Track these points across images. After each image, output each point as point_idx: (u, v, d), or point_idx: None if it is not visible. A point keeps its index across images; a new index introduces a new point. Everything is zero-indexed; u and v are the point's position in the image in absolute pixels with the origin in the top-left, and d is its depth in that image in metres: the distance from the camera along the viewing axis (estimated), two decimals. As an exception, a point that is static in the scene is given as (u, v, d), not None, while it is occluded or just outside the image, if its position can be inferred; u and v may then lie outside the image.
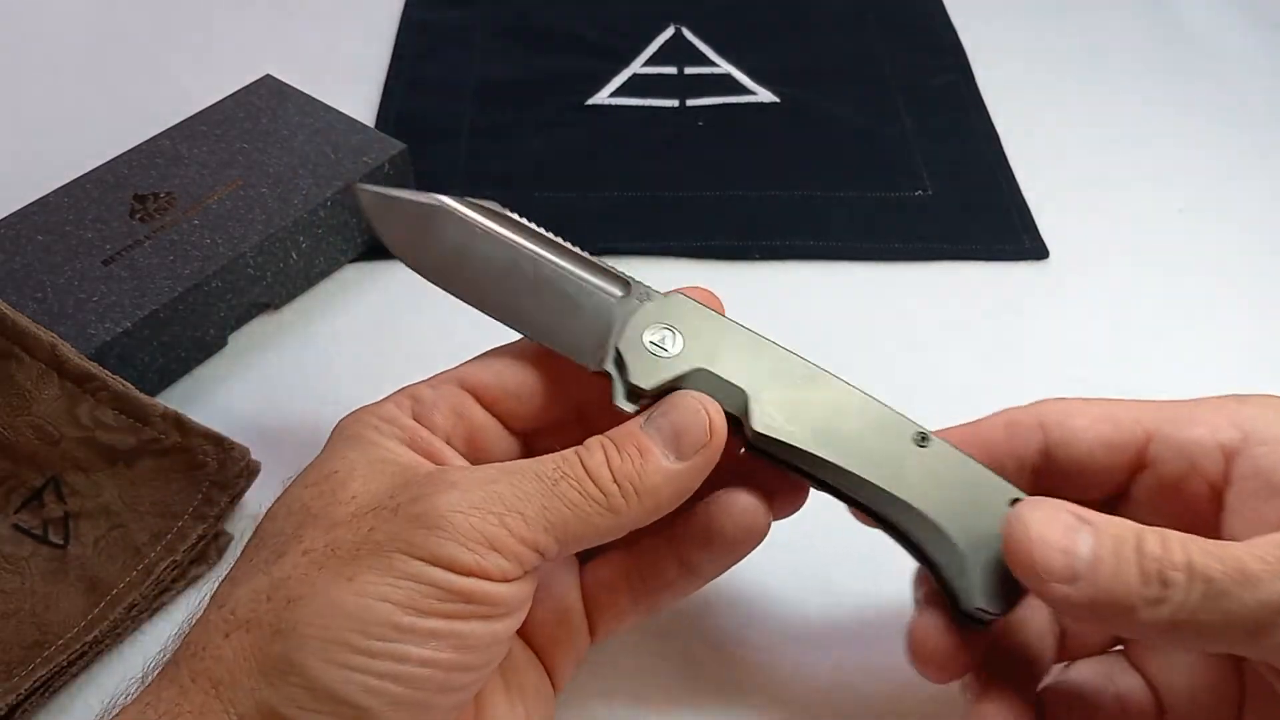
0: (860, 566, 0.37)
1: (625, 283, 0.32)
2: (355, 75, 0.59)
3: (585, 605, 0.32)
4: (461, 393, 0.31)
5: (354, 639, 0.25)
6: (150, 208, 0.45)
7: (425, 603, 0.25)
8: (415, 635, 0.25)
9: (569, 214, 0.52)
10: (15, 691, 0.33)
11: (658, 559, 0.31)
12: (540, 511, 0.27)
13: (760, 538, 0.31)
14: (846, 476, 0.29)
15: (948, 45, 0.63)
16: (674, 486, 0.29)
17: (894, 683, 0.35)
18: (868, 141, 0.56)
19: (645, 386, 0.30)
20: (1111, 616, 0.26)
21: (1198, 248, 0.51)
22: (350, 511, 0.27)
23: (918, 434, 0.30)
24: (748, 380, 0.30)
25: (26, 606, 0.35)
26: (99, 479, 0.37)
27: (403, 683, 0.25)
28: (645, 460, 0.28)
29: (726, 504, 0.30)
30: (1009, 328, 0.47)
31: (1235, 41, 0.64)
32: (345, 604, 0.25)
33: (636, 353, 0.30)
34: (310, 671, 0.25)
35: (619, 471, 0.28)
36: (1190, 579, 0.25)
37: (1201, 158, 0.56)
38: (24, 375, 0.37)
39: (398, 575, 0.25)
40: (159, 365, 0.42)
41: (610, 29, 0.63)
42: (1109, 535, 0.26)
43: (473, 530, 0.26)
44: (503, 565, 0.26)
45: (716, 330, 0.31)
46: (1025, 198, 0.53)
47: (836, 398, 0.30)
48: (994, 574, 0.29)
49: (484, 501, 0.26)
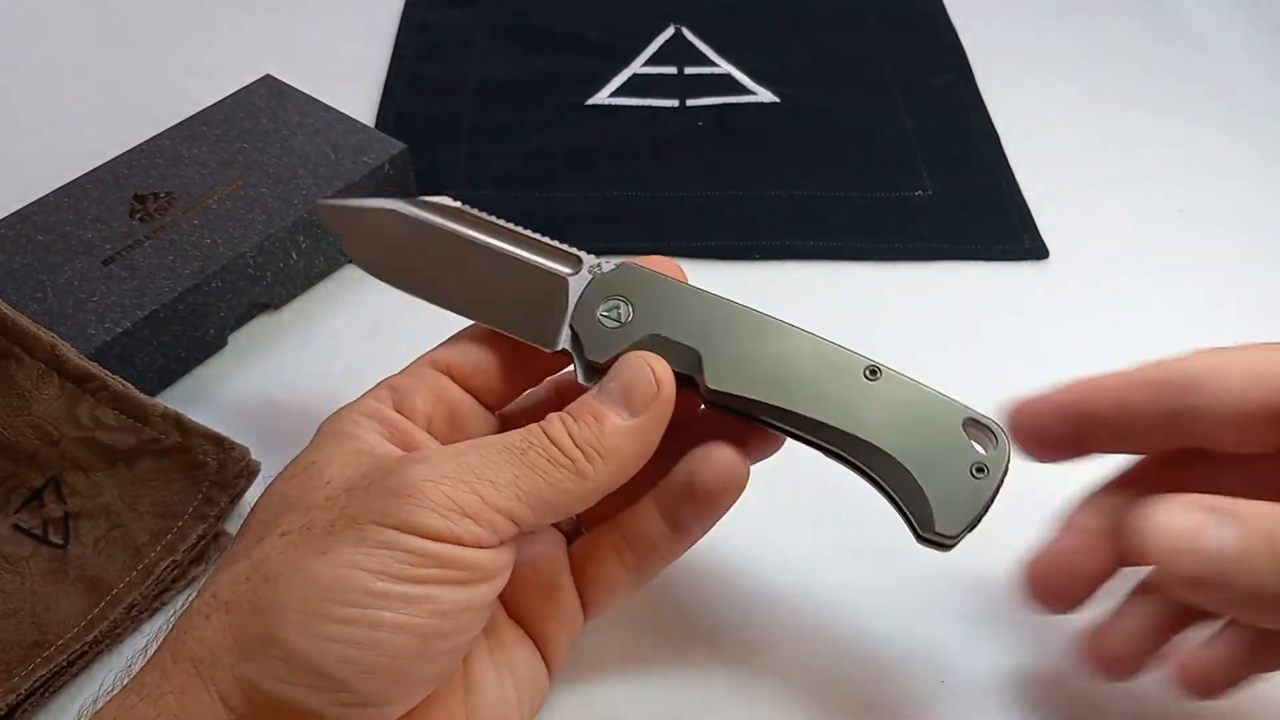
0: (858, 557, 0.38)
1: (576, 259, 0.33)
2: (355, 75, 0.59)
3: (575, 579, 0.33)
4: (436, 373, 0.32)
5: (329, 608, 0.25)
6: (150, 208, 0.45)
7: (398, 568, 0.26)
8: (389, 600, 0.25)
9: (569, 214, 0.52)
10: (15, 691, 0.33)
11: (642, 522, 0.32)
12: (511, 480, 0.27)
13: (740, 487, 0.31)
14: (801, 420, 0.30)
15: (948, 45, 0.63)
16: (634, 444, 0.29)
17: (892, 671, 0.35)
18: (868, 141, 0.56)
19: (600, 361, 0.31)
20: (1265, 612, 0.25)
21: (1197, 248, 0.51)
22: (325, 495, 0.28)
23: (867, 368, 0.30)
24: (699, 339, 0.31)
25: (26, 606, 0.35)
26: (99, 479, 0.37)
27: (378, 650, 0.25)
28: (601, 424, 0.29)
29: (704, 457, 0.31)
30: (1009, 328, 0.47)
31: (1235, 41, 0.64)
32: (320, 575, 0.26)
33: (590, 328, 0.31)
34: (288, 643, 0.25)
35: (579, 437, 0.29)
36: None
37: (1201, 158, 0.56)
38: (24, 375, 0.37)
39: (371, 545, 0.26)
40: (159, 365, 0.42)
41: (610, 29, 0.63)
42: (1258, 527, 0.25)
43: (444, 497, 0.26)
44: (476, 531, 0.27)
45: (665, 293, 0.32)
46: (1025, 198, 0.53)
47: (786, 344, 0.31)
48: (950, 498, 0.29)
49: (455, 471, 0.27)
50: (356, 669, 0.25)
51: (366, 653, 0.25)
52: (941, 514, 0.29)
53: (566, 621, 0.32)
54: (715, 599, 0.37)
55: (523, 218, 0.51)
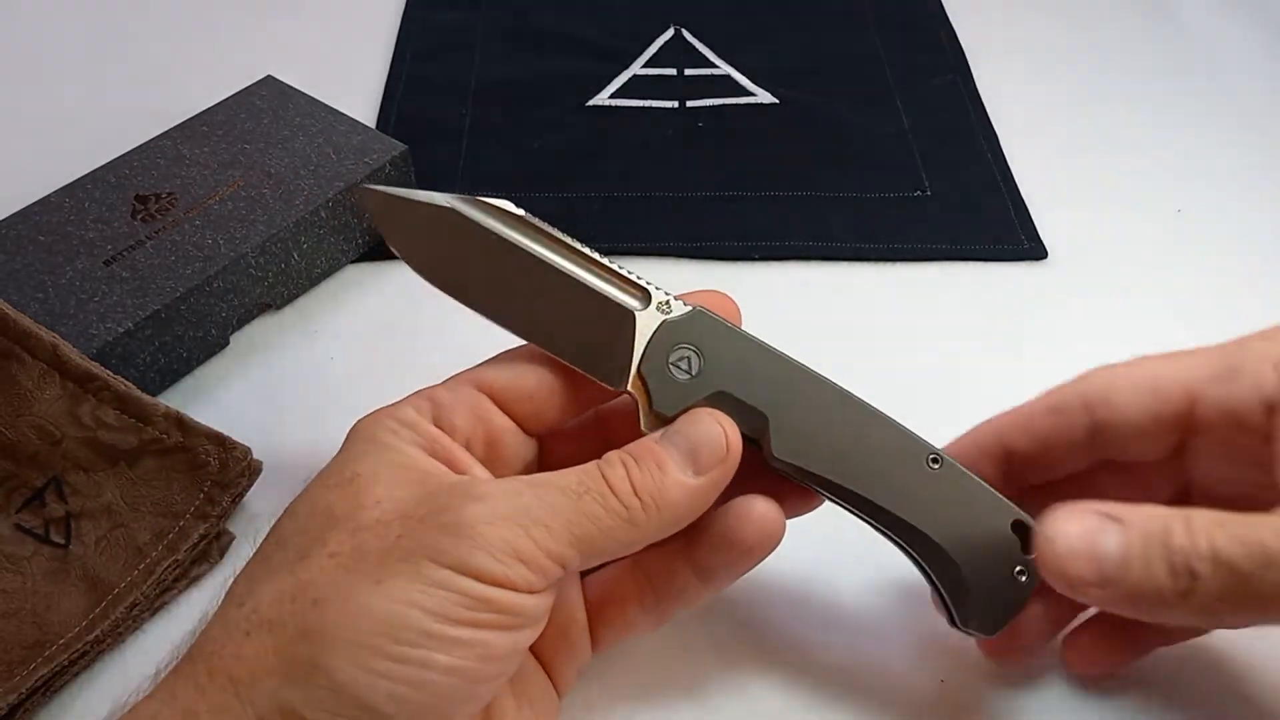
0: (859, 558, 0.38)
1: (645, 292, 0.31)
2: (356, 76, 0.59)
3: (591, 616, 0.32)
4: (479, 395, 0.31)
5: (383, 644, 0.25)
6: (152, 208, 0.45)
7: (455, 610, 0.26)
8: (443, 643, 0.25)
9: (569, 214, 0.52)
10: (16, 691, 0.33)
11: (670, 568, 0.31)
12: (565, 525, 0.27)
13: (776, 543, 0.31)
14: (860, 500, 0.30)
15: (947, 45, 0.63)
16: (692, 501, 0.29)
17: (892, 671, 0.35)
18: (867, 142, 0.56)
19: (670, 414, 0.30)
20: (1145, 610, 0.26)
21: (1196, 248, 0.51)
22: (375, 517, 0.27)
23: (931, 455, 0.30)
24: (768, 403, 0.30)
25: (28, 606, 0.35)
26: (100, 479, 0.37)
27: (427, 691, 0.25)
28: (664, 474, 0.28)
29: (743, 510, 0.30)
30: (1009, 328, 0.47)
31: (1235, 42, 0.64)
32: (374, 608, 0.25)
33: (659, 377, 0.30)
34: (337, 675, 0.25)
35: (640, 485, 0.28)
36: (1215, 568, 0.25)
37: (1201, 158, 0.56)
38: (25, 375, 0.37)
39: (427, 582, 0.26)
40: (160, 365, 0.43)
41: (610, 30, 0.63)
42: (1138, 532, 0.26)
43: (500, 541, 0.26)
44: (528, 577, 0.26)
45: (737, 349, 0.31)
46: (1025, 198, 0.53)
47: (855, 419, 0.31)
48: (993, 598, 0.30)
49: (511, 514, 0.27)
50: (405, 707, 0.25)
51: (416, 692, 0.25)
52: (983, 613, 0.30)
53: (577, 656, 0.32)
54: (715, 599, 0.37)
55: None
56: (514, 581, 0.26)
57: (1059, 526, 0.27)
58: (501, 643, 0.26)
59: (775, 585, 0.37)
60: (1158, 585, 0.26)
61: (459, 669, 0.26)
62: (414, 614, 0.25)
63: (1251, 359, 0.29)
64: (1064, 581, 0.27)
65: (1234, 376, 0.29)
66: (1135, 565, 0.26)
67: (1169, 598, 0.26)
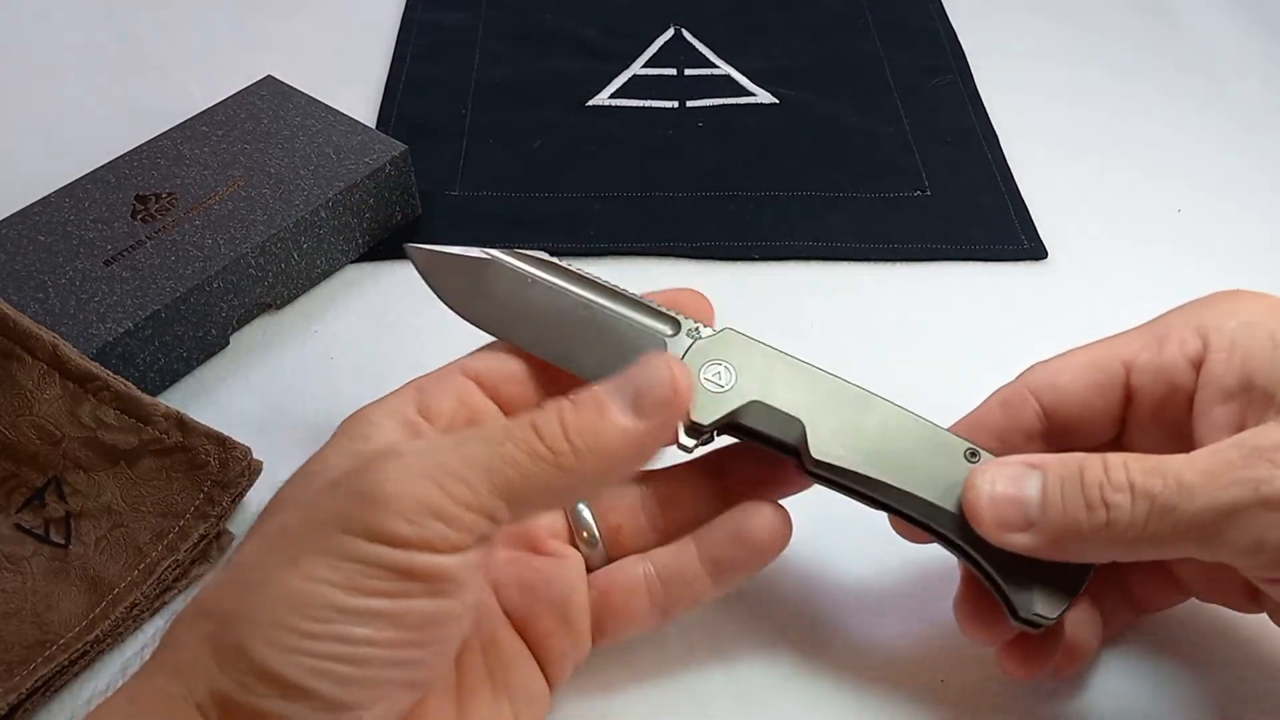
0: (859, 558, 0.38)
1: (674, 320, 0.33)
2: (355, 76, 0.59)
3: (597, 605, 0.32)
4: (465, 380, 0.32)
5: (296, 622, 0.25)
6: (152, 208, 0.45)
7: (367, 583, 0.25)
8: (358, 616, 0.25)
9: (569, 214, 0.52)
10: (17, 691, 0.33)
11: (681, 563, 0.32)
12: (484, 474, 0.26)
13: (785, 543, 0.32)
14: (904, 496, 0.31)
15: (947, 45, 0.63)
16: (630, 449, 0.28)
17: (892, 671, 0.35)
18: (868, 141, 0.56)
19: (705, 423, 0.31)
20: (1072, 548, 0.28)
21: (1197, 248, 0.51)
22: (311, 491, 0.28)
23: (968, 450, 0.31)
24: (802, 409, 0.31)
25: (28, 606, 0.35)
26: (101, 479, 0.37)
27: (349, 663, 0.25)
28: (602, 417, 0.27)
29: (756, 510, 0.32)
30: (1008, 328, 0.47)
31: (1234, 42, 0.64)
32: (289, 588, 0.25)
33: (695, 390, 0.31)
34: (255, 656, 0.25)
35: (572, 428, 0.27)
36: (1134, 499, 0.27)
37: (1201, 158, 0.56)
38: (26, 375, 0.37)
39: (339, 555, 0.25)
40: (160, 365, 0.43)
41: (610, 31, 0.63)
42: (1055, 474, 0.28)
43: (412, 500, 0.25)
44: (447, 534, 0.25)
45: (765, 362, 0.32)
46: (1025, 198, 0.53)
47: (887, 419, 0.32)
48: (1050, 581, 0.30)
49: (425, 470, 0.26)
50: (328, 680, 0.25)
51: (339, 666, 0.25)
52: (1043, 596, 0.30)
53: (574, 644, 0.32)
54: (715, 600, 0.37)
55: (523, 218, 0.52)
56: (431, 542, 0.25)
57: (984, 476, 0.29)
58: (427, 609, 0.26)
59: (775, 585, 0.37)
60: (1076, 520, 0.27)
61: (379, 639, 0.25)
62: (324, 590, 0.25)
63: (1175, 327, 0.31)
64: (993, 527, 0.28)
65: (1161, 343, 0.31)
66: (1054, 504, 0.27)
67: (1087, 532, 0.27)
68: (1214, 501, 0.26)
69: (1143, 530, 0.26)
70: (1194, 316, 0.31)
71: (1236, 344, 0.29)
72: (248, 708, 0.25)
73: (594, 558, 0.33)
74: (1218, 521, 0.26)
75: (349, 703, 0.25)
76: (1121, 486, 0.27)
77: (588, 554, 0.33)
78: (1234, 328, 0.30)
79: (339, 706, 0.25)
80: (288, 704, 0.25)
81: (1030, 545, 0.28)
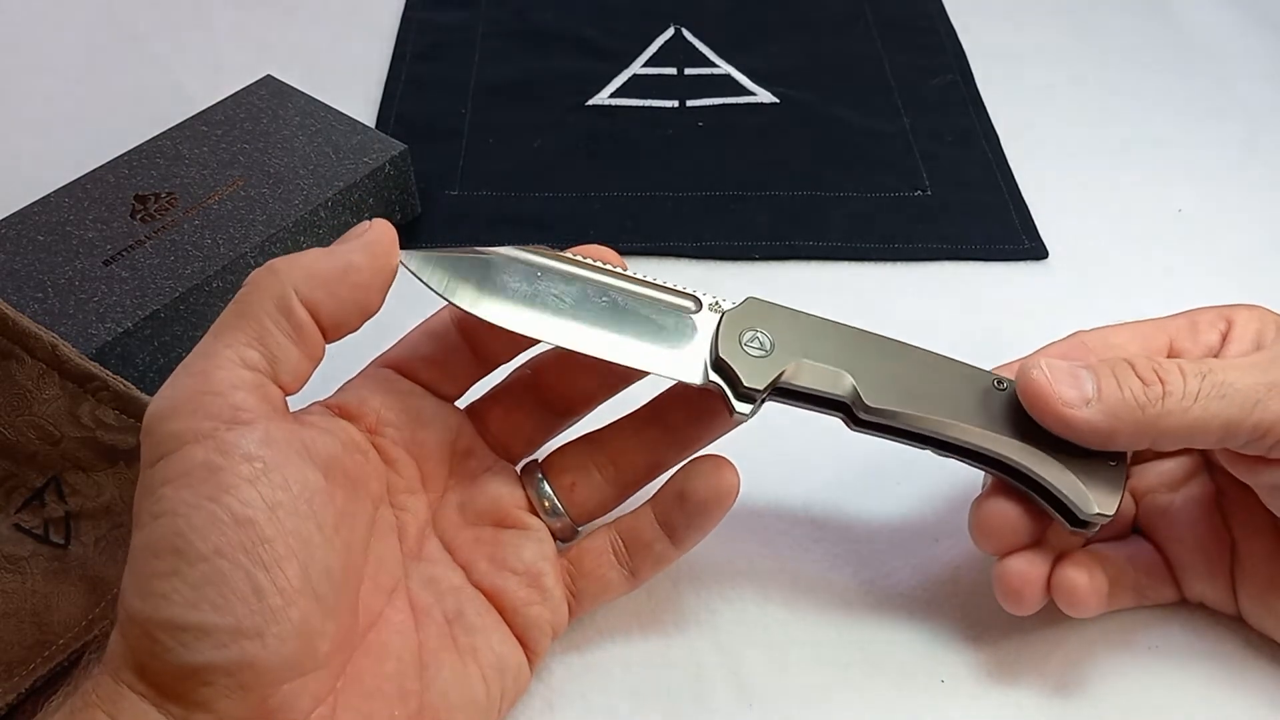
0: (859, 559, 0.38)
1: (694, 298, 0.33)
2: (355, 75, 0.59)
3: (569, 574, 0.34)
4: (386, 371, 0.34)
5: (150, 564, 0.25)
6: (151, 208, 0.45)
7: (186, 494, 0.26)
8: (192, 528, 0.25)
9: (569, 214, 0.52)
10: (16, 690, 0.33)
11: (639, 527, 0.33)
12: (222, 347, 0.29)
13: (731, 499, 0.33)
14: (951, 428, 0.32)
15: (947, 45, 0.63)
16: (356, 272, 0.30)
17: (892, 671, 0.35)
18: (867, 141, 0.56)
19: (759, 387, 0.31)
20: (1128, 424, 0.30)
21: (1197, 248, 0.51)
22: None
23: (995, 380, 0.33)
24: (843, 363, 0.32)
25: (27, 606, 0.35)
26: (100, 479, 0.37)
27: (206, 579, 0.25)
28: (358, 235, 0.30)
29: (696, 469, 0.33)
30: (1008, 328, 0.47)
31: (1235, 42, 0.64)
32: (137, 543, 0.26)
33: (740, 359, 0.32)
34: (137, 613, 0.25)
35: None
36: (1185, 377, 0.30)
37: (1201, 158, 0.56)
38: (25, 375, 0.37)
39: (155, 486, 0.26)
40: (160, 365, 0.43)
41: (610, 30, 0.63)
42: (1104, 365, 0.31)
43: (179, 400, 0.28)
44: (220, 406, 0.27)
45: (796, 323, 0.33)
46: (1025, 198, 0.53)
47: (923, 362, 0.33)
48: (1099, 483, 0.31)
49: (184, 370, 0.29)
50: (199, 602, 0.25)
51: (197, 589, 0.25)
52: (1096, 496, 0.31)
53: (549, 611, 0.33)
54: (715, 601, 0.37)
55: (523, 217, 0.52)
56: (216, 414, 0.27)
57: (1039, 362, 0.31)
58: (249, 496, 0.26)
59: (774, 585, 0.37)
60: (1134, 393, 0.30)
61: (222, 547, 0.25)
62: (158, 524, 0.26)
63: (1204, 313, 0.35)
64: (1054, 403, 0.30)
65: (1194, 322, 0.34)
66: (1110, 386, 0.30)
67: (1146, 401, 0.30)
68: (1264, 378, 0.29)
69: (1195, 401, 0.29)
70: (1223, 311, 0.34)
71: (1256, 316, 0.34)
72: (167, 669, 0.25)
73: (560, 528, 0.34)
74: (1260, 393, 0.29)
75: (242, 623, 0.25)
76: (1171, 368, 0.30)
77: (552, 524, 0.34)
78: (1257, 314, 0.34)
79: (237, 633, 0.25)
80: (190, 648, 0.25)
81: (1089, 421, 0.30)
